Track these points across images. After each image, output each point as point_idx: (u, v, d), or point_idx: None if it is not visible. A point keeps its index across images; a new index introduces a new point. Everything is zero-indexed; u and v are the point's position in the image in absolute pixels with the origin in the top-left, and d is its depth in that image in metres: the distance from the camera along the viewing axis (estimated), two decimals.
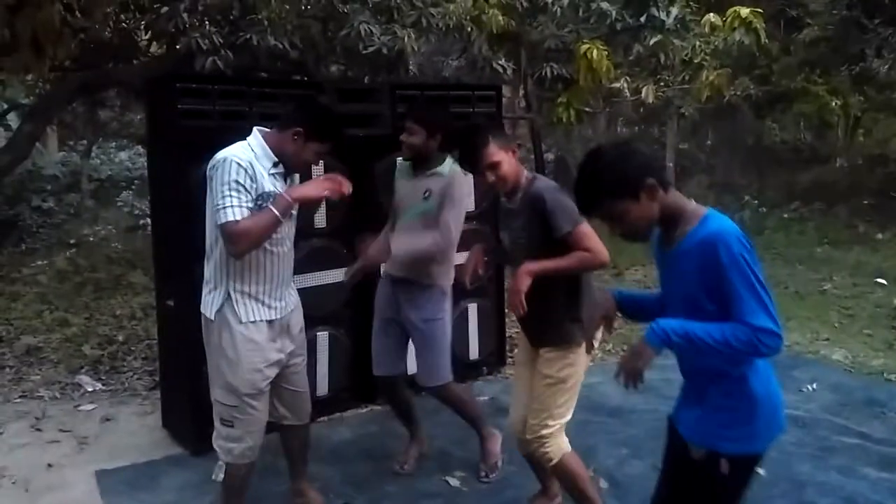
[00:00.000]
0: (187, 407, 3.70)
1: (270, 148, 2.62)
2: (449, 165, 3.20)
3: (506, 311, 4.85)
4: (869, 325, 5.67)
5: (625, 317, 2.07)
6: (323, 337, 3.99)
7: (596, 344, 2.44)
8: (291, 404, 2.91)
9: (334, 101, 3.81)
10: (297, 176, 2.83)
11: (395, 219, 3.32)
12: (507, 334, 4.96)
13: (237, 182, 2.49)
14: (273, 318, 2.69)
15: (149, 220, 10.63)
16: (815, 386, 4.36)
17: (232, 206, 2.48)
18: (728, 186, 12.79)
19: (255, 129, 2.68)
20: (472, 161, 2.70)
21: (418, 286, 3.20)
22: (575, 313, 2.65)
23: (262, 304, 2.66)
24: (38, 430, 4.01)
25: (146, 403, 4.36)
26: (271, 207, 2.50)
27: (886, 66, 9.20)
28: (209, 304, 2.68)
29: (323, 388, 4.02)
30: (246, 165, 2.52)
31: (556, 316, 2.62)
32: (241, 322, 2.63)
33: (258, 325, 2.65)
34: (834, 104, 11.92)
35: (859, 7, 8.98)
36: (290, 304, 2.78)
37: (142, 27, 7.05)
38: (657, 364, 3.50)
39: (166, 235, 3.76)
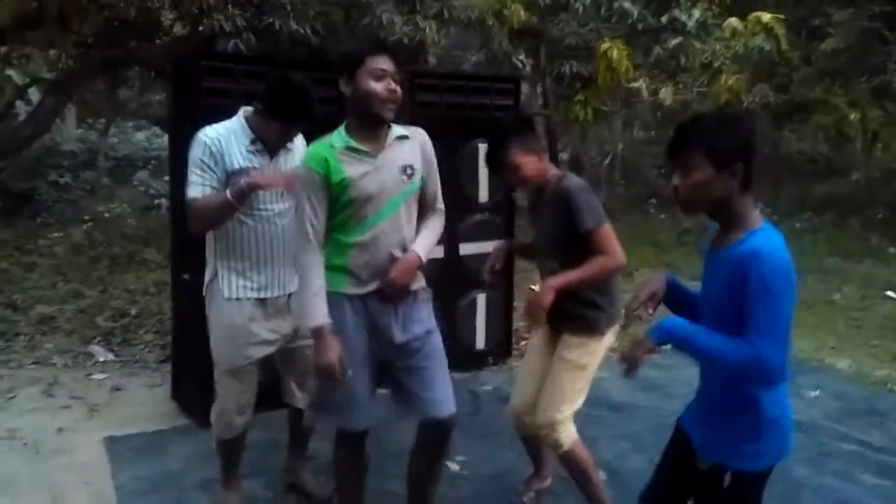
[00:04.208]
0: (196, 379, 3.76)
1: (249, 126, 2.64)
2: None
3: (514, 305, 4.89)
4: (876, 337, 5.67)
5: (667, 304, 2.02)
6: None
7: (644, 314, 2.15)
8: (302, 386, 2.92)
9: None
10: (293, 152, 2.76)
11: (365, 221, 2.35)
12: (513, 326, 4.99)
13: (201, 160, 2.56)
14: (263, 296, 2.69)
15: (163, 200, 10.83)
16: (818, 393, 4.38)
17: (193, 182, 2.56)
18: None
19: (241, 108, 2.71)
20: (494, 165, 2.75)
21: (412, 294, 2.47)
22: (602, 303, 2.69)
23: (249, 280, 2.67)
24: (50, 395, 4.09)
25: (156, 375, 4.43)
26: (226, 192, 2.52)
27: None
28: (204, 280, 2.76)
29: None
30: (212, 143, 2.56)
31: (582, 305, 2.67)
32: (224, 297, 2.67)
33: (242, 302, 2.67)
34: (853, 117, 11.87)
35: (881, 19, 8.94)
36: (288, 284, 2.73)
37: (166, 7, 7.12)
38: (661, 363, 3.52)
39: (184, 210, 3.81)
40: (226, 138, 2.59)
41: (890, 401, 4.34)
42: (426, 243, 2.45)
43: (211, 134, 2.59)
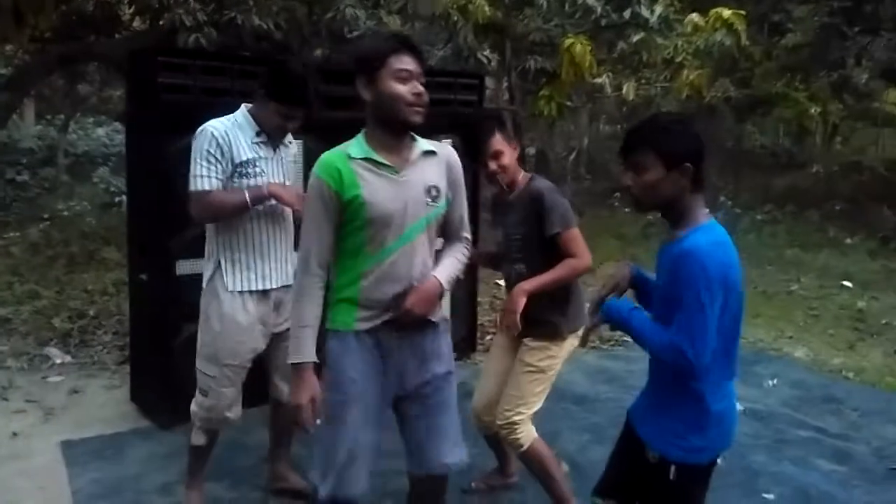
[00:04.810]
0: (156, 380, 3.71)
1: (253, 117, 2.68)
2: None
3: (479, 300, 4.90)
4: (832, 326, 5.80)
5: (636, 295, 2.07)
6: None
7: (591, 336, 2.18)
8: (289, 380, 2.89)
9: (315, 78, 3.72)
10: (289, 147, 2.83)
11: (382, 248, 2.05)
12: (478, 321, 5.00)
13: (209, 152, 2.58)
14: (266, 287, 2.71)
15: (123, 198, 10.62)
16: (775, 381, 4.46)
17: (202, 175, 2.58)
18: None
19: (243, 104, 2.74)
20: (476, 148, 2.70)
21: (432, 326, 2.18)
22: (562, 307, 2.70)
23: (253, 272, 2.69)
24: (5, 399, 3.99)
25: (115, 377, 4.35)
26: (245, 192, 2.57)
27: (865, 75, 9.38)
28: (204, 275, 2.76)
29: None
30: (220, 135, 2.59)
31: (543, 310, 2.67)
32: (227, 290, 2.67)
33: (245, 295, 2.68)
34: (813, 111, 12.11)
35: (840, 14, 9.12)
36: (285, 279, 2.75)
37: (125, 1, 6.99)
38: (621, 355, 3.53)
39: (142, 209, 3.75)
40: (232, 131, 2.63)
41: (845, 388, 4.44)
42: (449, 271, 2.15)
43: (218, 126, 2.62)
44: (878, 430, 3.83)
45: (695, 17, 6.13)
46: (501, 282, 2.81)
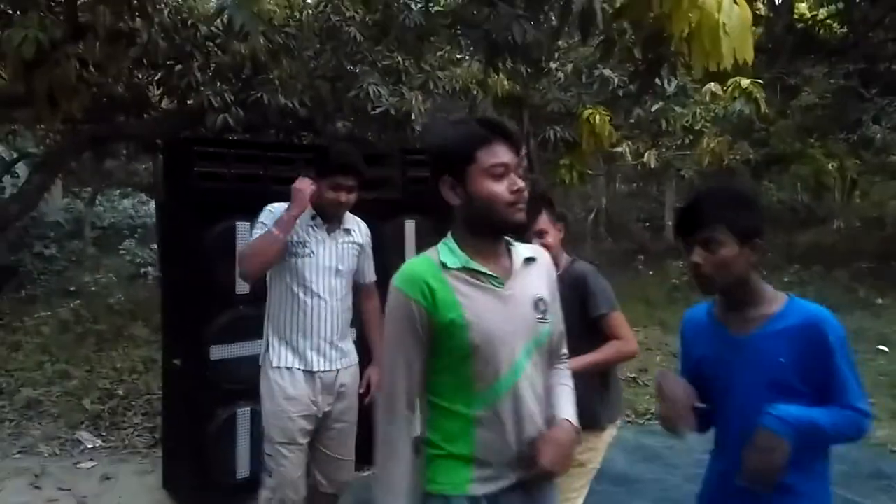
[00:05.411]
0: (189, 469, 3.67)
1: (311, 202, 2.75)
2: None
3: None
4: (872, 394, 5.64)
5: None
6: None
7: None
8: (327, 471, 2.87)
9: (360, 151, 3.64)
10: (354, 234, 2.88)
11: (497, 382, 1.65)
12: None
13: (262, 223, 2.71)
14: (311, 369, 2.74)
15: (150, 269, 10.77)
16: None
17: (252, 237, 2.72)
18: None
19: None
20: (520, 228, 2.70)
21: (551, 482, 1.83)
22: (601, 395, 2.61)
23: (297, 352, 2.74)
24: (38, 487, 3.96)
25: (146, 462, 4.31)
26: (270, 227, 2.65)
27: (887, 133, 9.43)
28: (261, 356, 2.84)
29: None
30: (276, 210, 2.71)
31: (581, 398, 2.61)
32: (273, 366, 2.74)
33: (293, 372, 2.72)
34: (831, 166, 12.14)
35: (856, 77, 9.22)
36: (336, 362, 2.79)
37: (154, 82, 7.21)
38: (658, 429, 3.39)
39: (177, 294, 3.79)
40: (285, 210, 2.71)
41: (893, 463, 4.30)
42: (573, 409, 1.80)
43: (277, 206, 2.73)
44: None
45: (712, 86, 6.21)
46: None
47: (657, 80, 6.47)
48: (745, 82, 5.79)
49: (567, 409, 1.77)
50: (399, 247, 4.08)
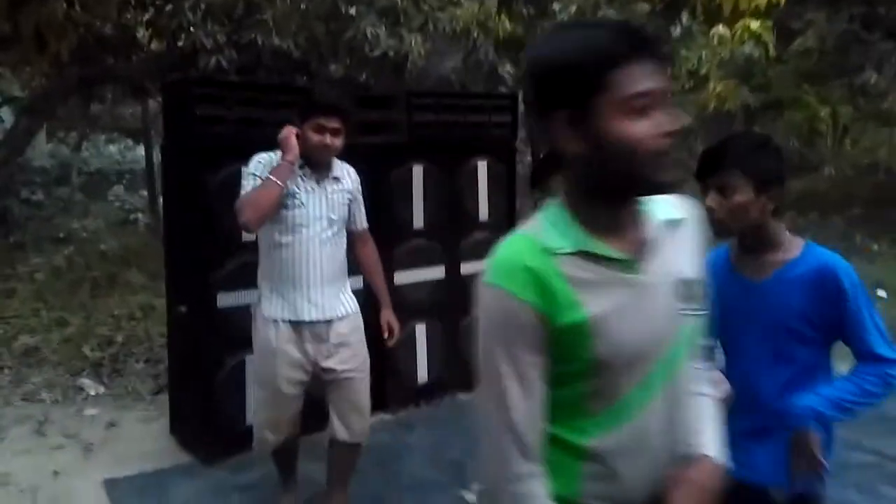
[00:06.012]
0: (198, 415, 3.66)
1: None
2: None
3: None
4: None
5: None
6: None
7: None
8: (345, 419, 2.85)
9: (347, 89, 3.49)
10: (343, 182, 2.82)
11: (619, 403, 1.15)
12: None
13: (253, 174, 2.66)
14: (299, 319, 2.71)
15: (140, 215, 10.63)
16: None
17: (244, 189, 2.66)
18: None
19: None
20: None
21: None
22: None
23: (286, 301, 2.72)
24: (42, 434, 3.94)
25: (151, 409, 4.29)
26: (269, 175, 2.59)
27: (886, 80, 9.31)
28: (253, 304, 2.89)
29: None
30: (266, 161, 2.67)
31: None
32: (263, 317, 2.75)
33: (278, 324, 2.71)
34: (823, 113, 12.06)
35: (858, 21, 9.05)
36: (328, 310, 2.75)
37: (143, 23, 6.96)
38: None
39: (181, 241, 3.70)
40: (277, 160, 2.66)
41: None
42: (714, 433, 1.27)
43: (264, 156, 2.70)
44: None
45: (720, 29, 6.05)
46: None
47: (661, 21, 6.36)
48: (754, 24, 5.64)
49: (708, 437, 1.25)
50: (407, 194, 4.01)
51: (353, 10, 6.30)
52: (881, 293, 6.99)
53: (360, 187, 2.91)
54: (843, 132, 14.78)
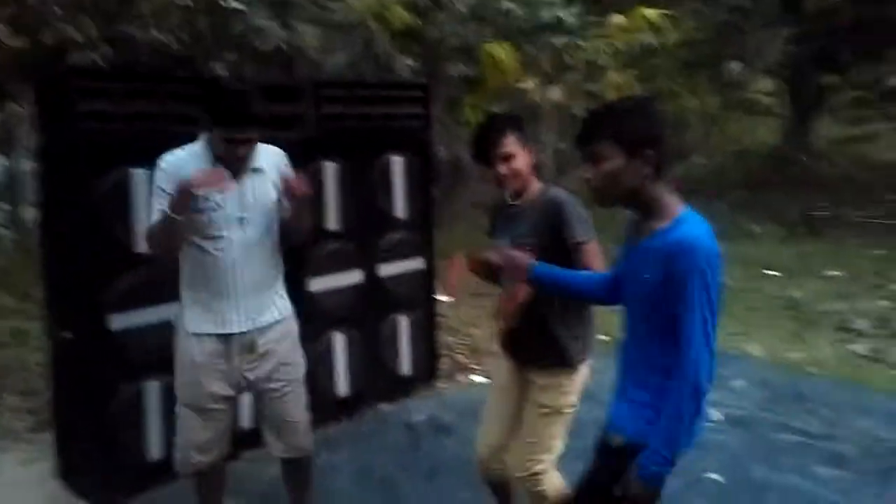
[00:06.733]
0: (91, 454, 3.21)
1: (210, 147, 2.45)
2: None
3: (439, 318, 4.61)
4: (772, 318, 5.90)
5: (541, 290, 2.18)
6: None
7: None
8: (277, 434, 2.66)
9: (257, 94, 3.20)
10: (266, 173, 2.51)
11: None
12: (437, 344, 4.71)
13: (158, 187, 2.43)
14: (226, 332, 2.48)
15: (5, 231, 9.62)
16: (743, 383, 4.43)
17: (153, 211, 2.43)
18: None
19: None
20: (485, 150, 2.41)
21: None
22: (574, 330, 2.43)
23: (211, 312, 2.48)
24: None
25: (31, 449, 3.76)
26: (168, 210, 2.32)
27: (748, 72, 9.79)
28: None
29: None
30: (168, 166, 2.42)
31: (552, 333, 2.41)
32: (186, 332, 2.53)
33: (202, 338, 2.50)
34: (692, 104, 12.68)
35: (737, 12, 9.44)
36: (257, 320, 2.52)
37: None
38: (595, 369, 3.34)
39: (62, 257, 3.23)
40: (184, 160, 2.42)
41: (809, 384, 4.45)
42: None
43: (168, 158, 2.44)
44: (855, 425, 3.83)
45: (616, 18, 6.10)
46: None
47: (556, 10, 6.35)
48: (649, 13, 5.71)
49: None
50: (318, 194, 3.70)
51: (237, 4, 5.89)
52: (770, 272, 7.27)
53: (287, 167, 2.59)
54: (711, 122, 15.54)
